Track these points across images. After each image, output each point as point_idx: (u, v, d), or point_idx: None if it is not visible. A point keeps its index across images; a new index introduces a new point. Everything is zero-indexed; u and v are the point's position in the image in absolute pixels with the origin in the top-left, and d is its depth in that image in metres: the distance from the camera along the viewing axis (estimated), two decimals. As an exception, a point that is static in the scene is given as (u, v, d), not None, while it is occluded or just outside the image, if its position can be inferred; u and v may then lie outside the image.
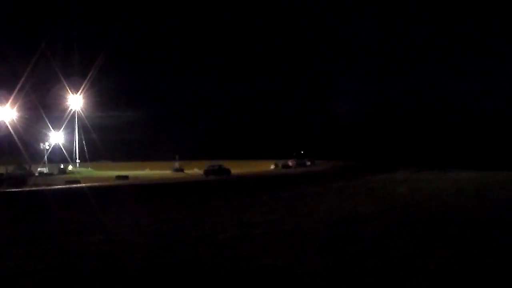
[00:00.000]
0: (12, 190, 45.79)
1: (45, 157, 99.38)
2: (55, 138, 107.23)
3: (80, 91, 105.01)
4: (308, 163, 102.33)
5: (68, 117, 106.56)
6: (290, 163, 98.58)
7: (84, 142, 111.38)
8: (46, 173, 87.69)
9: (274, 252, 10.86)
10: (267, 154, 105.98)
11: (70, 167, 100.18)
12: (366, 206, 19.74)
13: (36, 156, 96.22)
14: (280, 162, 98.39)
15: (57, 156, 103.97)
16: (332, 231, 13.70)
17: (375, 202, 21.60)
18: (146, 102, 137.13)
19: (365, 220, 15.60)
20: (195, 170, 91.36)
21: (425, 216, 16.21)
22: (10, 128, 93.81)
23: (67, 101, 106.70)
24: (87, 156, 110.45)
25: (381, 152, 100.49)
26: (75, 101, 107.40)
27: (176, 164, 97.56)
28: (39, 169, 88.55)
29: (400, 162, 70.18)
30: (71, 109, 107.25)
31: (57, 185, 54.04)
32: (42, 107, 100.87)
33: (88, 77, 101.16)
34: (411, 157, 77.78)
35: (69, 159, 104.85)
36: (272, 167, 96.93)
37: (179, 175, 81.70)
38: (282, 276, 8.77)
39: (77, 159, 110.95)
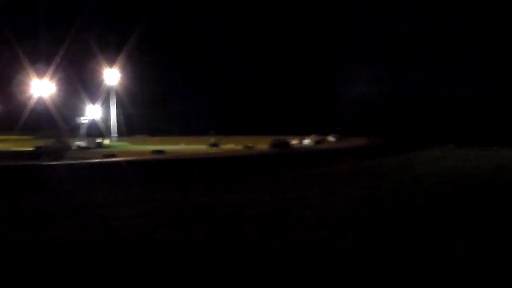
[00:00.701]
0: (51, 163, 46.35)
1: (82, 131, 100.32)
2: (92, 112, 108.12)
3: (116, 65, 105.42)
4: (333, 139, 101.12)
5: (105, 92, 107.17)
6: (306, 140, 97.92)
7: (120, 116, 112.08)
8: (83, 147, 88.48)
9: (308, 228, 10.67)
10: (301, 129, 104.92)
11: (106, 141, 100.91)
12: (400, 184, 19.33)
13: (74, 130, 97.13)
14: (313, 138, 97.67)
15: (94, 130, 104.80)
16: (365, 208, 13.42)
17: (409, 180, 21.14)
18: (182, 77, 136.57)
19: (400, 198, 15.28)
20: (231, 145, 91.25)
21: (462, 194, 15.79)
22: (48, 102, 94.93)
23: (103, 75, 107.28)
24: (123, 130, 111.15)
25: (417, 128, 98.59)
26: (112, 75, 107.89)
27: (212, 139, 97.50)
28: (76, 143, 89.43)
29: (437, 139, 68.88)
30: (108, 83, 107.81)
31: (94, 159, 54.56)
32: (79, 81, 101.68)
33: (125, 51, 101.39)
34: (449, 133, 76.22)
35: (105, 133, 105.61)
36: (307, 141, 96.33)
37: (215, 150, 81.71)
38: (315, 252, 8.59)
39: (114, 133, 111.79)
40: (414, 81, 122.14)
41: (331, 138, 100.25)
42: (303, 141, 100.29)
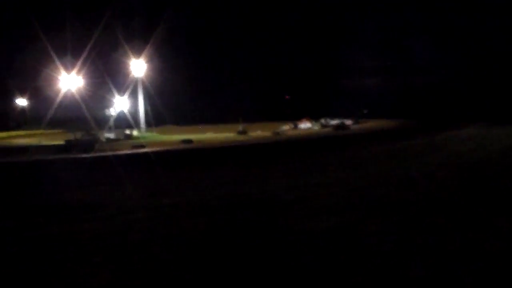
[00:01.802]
0: (81, 156, 46.73)
1: (111, 123, 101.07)
2: (120, 104, 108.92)
3: (143, 56, 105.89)
4: (349, 122, 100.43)
5: (132, 83, 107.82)
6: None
7: (148, 107, 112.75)
8: (112, 139, 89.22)
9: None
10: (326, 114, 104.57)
11: (135, 132, 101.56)
12: (429, 166, 18.89)
13: (102, 122, 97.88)
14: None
15: (122, 121, 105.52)
16: (394, 192, 13.14)
17: (440, 160, 20.73)
18: (208, 66, 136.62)
19: (431, 179, 14.95)
20: (258, 133, 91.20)
21: (493, 175, 15.37)
22: (76, 96, 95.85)
23: (131, 67, 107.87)
24: (151, 121, 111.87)
25: (447, 108, 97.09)
26: (139, 67, 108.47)
27: (240, 127, 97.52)
28: (105, 135, 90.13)
29: (468, 118, 67.47)
30: (135, 75, 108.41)
31: (123, 150, 54.90)
32: (107, 74, 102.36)
33: (151, 42, 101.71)
34: (480, 112, 74.69)
35: (134, 124, 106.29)
36: (334, 122, 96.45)
37: (243, 137, 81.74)
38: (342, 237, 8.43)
39: (142, 124, 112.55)
40: (444, 63, 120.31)
41: (348, 122, 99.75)
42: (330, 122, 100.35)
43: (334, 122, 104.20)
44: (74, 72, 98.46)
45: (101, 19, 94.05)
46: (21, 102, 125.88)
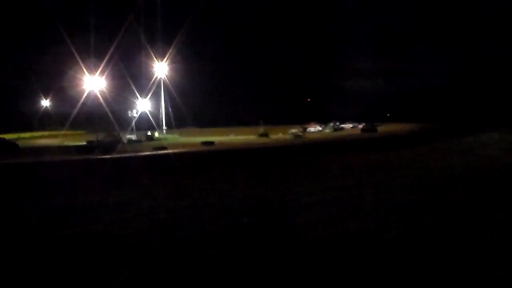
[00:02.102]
0: (103, 156, 46.95)
1: (133, 124, 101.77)
2: (142, 105, 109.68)
3: (165, 58, 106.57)
4: (350, 126, 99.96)
5: (155, 85, 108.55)
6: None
7: (170, 109, 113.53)
8: (134, 140, 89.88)
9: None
10: (346, 117, 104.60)
11: (156, 134, 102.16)
12: (454, 170, 18.64)
13: (124, 123, 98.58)
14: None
15: (144, 123, 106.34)
16: (416, 198, 12.92)
17: (463, 163, 20.48)
18: (230, 69, 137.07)
19: (454, 185, 14.70)
20: (279, 135, 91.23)
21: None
22: (99, 97, 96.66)
23: (153, 69, 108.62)
24: (173, 123, 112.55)
25: (467, 112, 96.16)
26: (161, 69, 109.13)
27: (261, 130, 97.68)
28: (127, 136, 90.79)
29: (489, 123, 66.43)
30: (157, 77, 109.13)
31: (144, 152, 55.10)
32: (129, 75, 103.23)
33: (174, 45, 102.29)
34: (502, 117, 73.54)
35: (155, 126, 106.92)
36: (359, 126, 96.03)
37: (264, 140, 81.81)
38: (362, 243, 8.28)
39: (164, 125, 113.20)
40: (464, 67, 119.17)
41: (347, 126, 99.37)
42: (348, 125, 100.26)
43: (348, 124, 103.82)
44: (97, 74, 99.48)
45: (124, 21, 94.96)
46: (45, 103, 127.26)
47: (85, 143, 76.49)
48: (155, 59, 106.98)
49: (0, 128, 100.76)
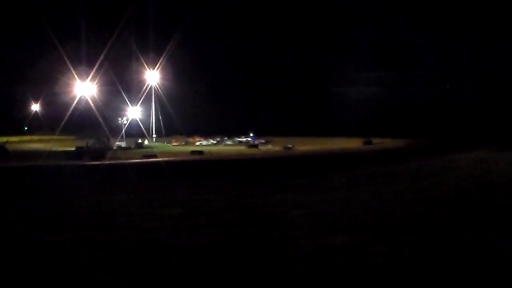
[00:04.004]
0: (93, 163, 46.92)
1: (123, 131, 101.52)
2: (133, 113, 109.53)
3: (156, 66, 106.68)
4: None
5: (145, 92, 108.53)
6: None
7: (160, 117, 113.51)
8: (124, 147, 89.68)
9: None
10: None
11: (146, 142, 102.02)
12: (440, 188, 18.57)
13: (114, 130, 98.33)
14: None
15: (134, 130, 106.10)
16: (406, 212, 13.03)
17: (447, 184, 20.35)
18: (221, 79, 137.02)
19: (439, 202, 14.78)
20: (269, 147, 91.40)
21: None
22: (90, 103, 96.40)
23: (144, 76, 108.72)
24: (163, 131, 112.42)
25: (455, 128, 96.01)
26: (152, 77, 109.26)
27: (250, 141, 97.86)
28: (117, 143, 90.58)
29: (478, 141, 66.22)
30: (148, 84, 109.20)
31: (134, 159, 55.09)
32: (120, 82, 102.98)
33: (165, 53, 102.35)
34: (492, 135, 73.35)
35: (146, 133, 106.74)
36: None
37: (253, 151, 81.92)
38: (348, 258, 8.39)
39: (154, 133, 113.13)
40: (449, 82, 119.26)
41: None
42: None
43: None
44: (88, 80, 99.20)
45: (115, 28, 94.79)
46: (35, 107, 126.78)
47: (74, 148, 76.32)
48: (146, 67, 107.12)
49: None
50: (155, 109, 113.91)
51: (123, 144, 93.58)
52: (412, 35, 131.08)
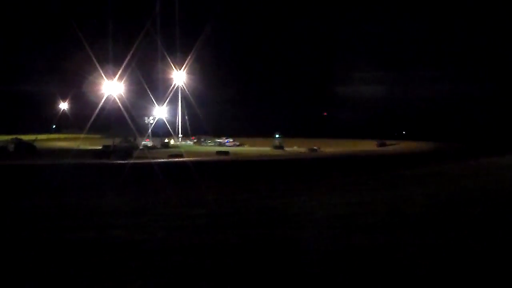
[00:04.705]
0: (120, 162, 47.12)
1: (149, 131, 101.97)
2: (159, 112, 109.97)
3: (183, 66, 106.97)
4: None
5: (172, 92, 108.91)
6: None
7: (186, 116, 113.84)
8: (150, 147, 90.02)
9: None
10: (362, 134, 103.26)
11: (172, 141, 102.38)
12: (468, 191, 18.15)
13: (141, 129, 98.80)
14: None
15: (160, 130, 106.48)
16: (429, 214, 12.78)
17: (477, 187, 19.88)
18: (247, 78, 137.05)
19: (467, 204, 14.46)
20: (294, 148, 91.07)
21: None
22: (117, 102, 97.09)
23: (171, 76, 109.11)
24: (189, 131, 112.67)
25: (489, 132, 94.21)
26: (179, 77, 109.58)
27: (276, 141, 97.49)
28: (143, 142, 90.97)
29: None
30: (175, 85, 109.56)
31: (160, 158, 55.23)
32: (147, 82, 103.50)
33: (191, 53, 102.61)
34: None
35: (172, 133, 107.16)
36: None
37: (278, 152, 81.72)
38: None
39: (180, 133, 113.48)
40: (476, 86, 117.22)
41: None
42: None
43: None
44: (115, 79, 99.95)
45: (142, 27, 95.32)
46: (64, 106, 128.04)
47: (101, 147, 76.90)
48: (173, 67, 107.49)
49: (19, 130, 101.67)
50: (181, 109, 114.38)
51: (149, 143, 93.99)
52: (431, 35, 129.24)
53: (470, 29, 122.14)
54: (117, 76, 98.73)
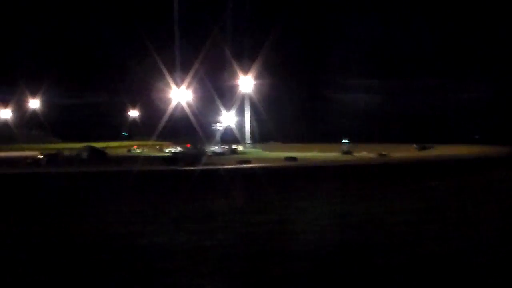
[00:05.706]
0: (188, 168, 47.40)
1: (217, 137, 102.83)
2: (227, 119, 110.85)
3: (251, 72, 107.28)
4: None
5: (240, 99, 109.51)
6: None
7: (254, 123, 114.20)
8: (218, 153, 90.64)
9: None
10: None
11: (240, 147, 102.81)
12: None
13: (209, 136, 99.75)
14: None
15: (228, 136, 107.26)
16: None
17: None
18: (315, 84, 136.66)
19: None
20: (364, 153, 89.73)
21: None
22: (186, 109, 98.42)
23: (238, 82, 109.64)
24: (257, 137, 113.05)
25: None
26: (246, 83, 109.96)
27: (345, 147, 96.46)
28: (211, 148, 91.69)
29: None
30: (243, 91, 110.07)
31: (229, 165, 55.33)
32: (214, 89, 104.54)
33: (259, 59, 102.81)
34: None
35: (239, 139, 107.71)
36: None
37: (347, 157, 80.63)
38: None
39: (248, 139, 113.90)
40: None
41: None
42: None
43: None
44: (183, 86, 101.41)
45: (209, 34, 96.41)
46: (133, 114, 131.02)
47: (170, 154, 78.00)
48: (240, 73, 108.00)
49: (91, 138, 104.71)
50: (249, 115, 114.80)
51: (217, 149, 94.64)
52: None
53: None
54: (186, 83, 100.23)
